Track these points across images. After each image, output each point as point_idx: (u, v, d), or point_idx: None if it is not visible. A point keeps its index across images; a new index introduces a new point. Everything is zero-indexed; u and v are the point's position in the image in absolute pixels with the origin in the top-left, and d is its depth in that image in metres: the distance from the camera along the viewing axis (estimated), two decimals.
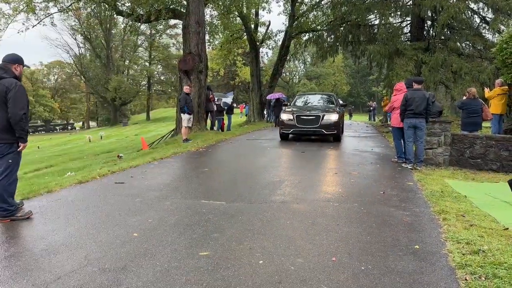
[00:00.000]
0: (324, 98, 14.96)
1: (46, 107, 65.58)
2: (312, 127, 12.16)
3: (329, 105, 13.91)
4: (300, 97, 15.62)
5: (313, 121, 12.13)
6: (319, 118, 12.12)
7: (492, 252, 3.75)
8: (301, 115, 12.35)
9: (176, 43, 54.32)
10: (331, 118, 12.17)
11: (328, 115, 12.20)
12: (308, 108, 13.29)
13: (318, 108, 13.19)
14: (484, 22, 18.22)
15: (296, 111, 12.70)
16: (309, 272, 3.35)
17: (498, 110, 10.73)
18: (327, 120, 12.11)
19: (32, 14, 16.69)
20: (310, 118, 12.17)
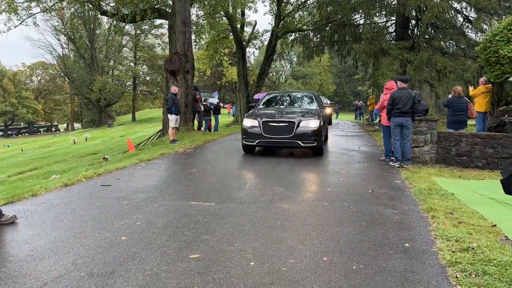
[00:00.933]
0: (303, 98, 11.64)
1: (30, 108, 64.47)
2: (284, 137, 9.19)
3: (309, 107, 10.80)
4: (271, 97, 12.08)
5: (285, 129, 9.14)
6: (293, 125, 9.13)
7: (482, 249, 3.78)
8: (270, 121, 9.31)
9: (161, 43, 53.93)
10: (310, 125, 9.24)
11: (306, 121, 9.27)
12: (280, 111, 10.06)
13: (293, 112, 9.98)
14: (467, 21, 18.48)
15: (264, 115, 9.65)
16: (301, 273, 3.33)
17: (482, 108, 10.89)
18: (304, 127, 9.19)
19: (14, 14, 16.36)
20: (281, 125, 9.20)
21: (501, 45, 9.89)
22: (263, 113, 9.90)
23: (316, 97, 11.55)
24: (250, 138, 9.52)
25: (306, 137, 9.15)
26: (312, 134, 9.17)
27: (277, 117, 9.37)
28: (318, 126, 9.23)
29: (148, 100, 69.38)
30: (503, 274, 3.26)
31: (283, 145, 9.51)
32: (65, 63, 59.42)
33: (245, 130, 9.62)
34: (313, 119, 9.34)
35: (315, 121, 9.29)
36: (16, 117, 64.72)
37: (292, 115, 9.56)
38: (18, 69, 69.08)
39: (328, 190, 6.24)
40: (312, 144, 9.22)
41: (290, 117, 9.36)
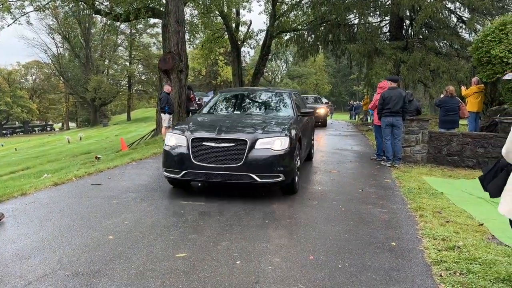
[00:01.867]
0: (273, 101, 7.57)
1: (24, 108, 64.07)
2: (227, 166, 5.41)
3: (279, 114, 6.94)
4: (223, 98, 8.01)
5: (228, 153, 5.44)
6: (243, 147, 5.42)
7: (467, 247, 3.80)
8: (205, 139, 5.59)
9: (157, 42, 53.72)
10: (273, 146, 5.51)
11: (267, 139, 5.54)
12: (227, 121, 6.23)
13: (250, 122, 6.20)
14: (461, 21, 18.56)
15: (198, 128, 5.97)
16: (286, 271, 3.34)
17: (474, 108, 10.93)
18: (262, 150, 5.47)
19: (7, 13, 16.27)
20: (222, 146, 5.47)
21: (492, 45, 9.94)
22: (200, 123, 6.22)
23: (291, 99, 7.30)
24: (172, 166, 5.65)
25: (264, 167, 5.35)
26: (276, 161, 5.37)
27: (219, 131, 5.56)
28: (286, 148, 5.47)
29: (143, 99, 69.15)
30: (487, 273, 3.28)
31: (226, 180, 5.42)
32: (60, 62, 59.08)
33: (166, 153, 5.77)
34: (278, 135, 5.54)
35: (282, 139, 5.51)
36: (10, 116, 64.31)
37: (245, 128, 5.80)
38: (13, 68, 68.65)
39: (318, 189, 6.25)
40: (275, 179, 5.37)
41: (241, 132, 5.58)
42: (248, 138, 5.40)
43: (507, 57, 9.58)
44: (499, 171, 2.61)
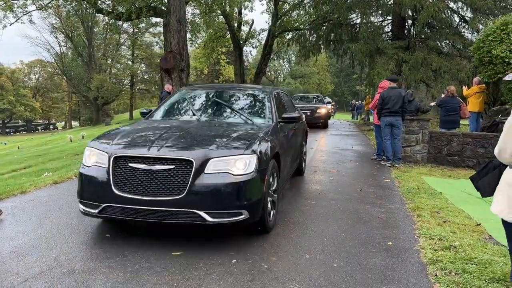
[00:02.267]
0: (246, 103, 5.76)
1: (27, 106, 64.28)
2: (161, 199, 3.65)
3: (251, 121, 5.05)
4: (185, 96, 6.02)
5: (164, 179, 3.68)
6: (186, 171, 3.67)
7: (464, 247, 3.80)
8: (132, 158, 3.79)
9: (159, 42, 53.79)
10: (232, 169, 3.76)
11: (220, 159, 3.77)
12: (174, 131, 4.39)
13: (206, 134, 4.34)
14: (463, 21, 18.50)
15: (126, 140, 4.18)
16: (282, 270, 3.34)
17: (476, 108, 10.90)
18: (213, 177, 3.71)
19: (10, 11, 16.32)
20: (156, 169, 3.69)
21: (494, 45, 9.91)
22: (134, 133, 4.44)
23: (272, 101, 5.47)
24: (87, 197, 3.99)
25: (218, 201, 3.70)
26: (237, 191, 3.72)
27: (154, 146, 3.86)
28: (253, 171, 3.81)
29: (145, 98, 69.22)
30: (482, 273, 3.29)
31: (161, 219, 3.73)
32: (63, 61, 59.27)
33: (82, 176, 4.08)
34: (242, 153, 3.85)
35: (247, 158, 3.83)
36: (14, 115, 64.52)
37: (196, 141, 4.08)
38: (16, 67, 68.89)
39: (317, 189, 6.26)
40: (234, 217, 3.73)
41: (186, 148, 3.87)
42: (196, 157, 3.63)
43: (509, 57, 9.54)
44: (491, 170, 2.61)
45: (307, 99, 21.17)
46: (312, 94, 25.10)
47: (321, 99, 20.78)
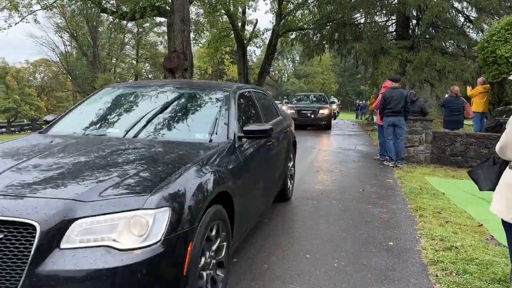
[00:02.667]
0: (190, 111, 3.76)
1: (32, 105, 64.55)
2: None
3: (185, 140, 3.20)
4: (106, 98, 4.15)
5: None
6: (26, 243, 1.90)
7: (465, 248, 3.79)
8: None
9: (163, 41, 53.94)
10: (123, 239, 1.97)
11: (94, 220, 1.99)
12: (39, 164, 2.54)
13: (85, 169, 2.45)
14: (468, 21, 18.42)
15: None
16: (282, 270, 3.35)
17: (480, 108, 10.85)
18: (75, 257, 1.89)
19: (15, 11, 16.42)
20: None
21: (498, 45, 9.87)
22: None
23: (232, 106, 3.67)
24: None
25: None
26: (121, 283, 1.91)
27: None
28: (158, 240, 2.01)
29: None
30: (483, 273, 3.28)
31: None
32: (67, 61, 59.57)
33: None
34: (138, 207, 2.04)
35: (151, 215, 2.04)
36: (19, 114, 64.83)
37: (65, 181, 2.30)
38: (21, 66, 69.27)
39: (319, 189, 6.26)
40: None
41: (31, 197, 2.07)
42: (44, 217, 1.94)
43: None
44: (491, 164, 2.61)
45: (309, 98, 20.42)
46: (314, 93, 24.31)
47: (324, 99, 19.89)
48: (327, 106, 17.76)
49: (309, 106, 17.56)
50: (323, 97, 20.46)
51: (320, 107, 17.31)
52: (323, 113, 16.99)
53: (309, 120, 16.79)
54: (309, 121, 16.78)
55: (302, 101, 19.56)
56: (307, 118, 16.76)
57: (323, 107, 17.45)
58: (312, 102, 19.33)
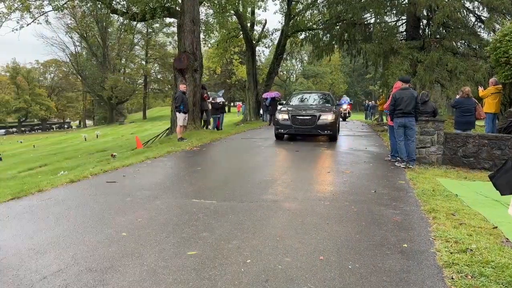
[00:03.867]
0: None
1: (43, 106, 65.29)
2: None
3: None
4: None
5: None
6: None
7: (480, 250, 3.76)
8: None
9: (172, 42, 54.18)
10: None
11: None
12: None
13: None
14: (479, 21, 18.24)
15: None
16: (296, 271, 3.35)
17: (492, 109, 10.75)
18: None
19: (27, 12, 16.62)
20: None
21: (511, 45, 9.78)
22: None
23: None
24: None
25: None
26: None
27: None
28: None
29: (159, 98, 69.79)
30: (499, 276, 3.24)
31: None
32: (77, 61, 60.11)
33: None
34: None
35: None
36: (29, 114, 65.57)
37: None
38: (32, 66, 70.02)
39: (331, 190, 6.24)
40: None
41: None
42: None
43: None
44: (510, 169, 2.59)
45: (309, 98, 15.28)
46: (317, 92, 19.46)
47: (330, 99, 14.93)
48: (332, 109, 12.88)
49: (308, 110, 12.98)
50: (328, 96, 15.40)
51: (322, 110, 12.73)
52: (326, 119, 12.26)
53: (307, 129, 12.30)
54: (307, 130, 12.34)
55: (300, 102, 14.90)
56: (304, 126, 12.27)
57: (327, 110, 12.73)
58: (314, 103, 14.60)
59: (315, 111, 12.60)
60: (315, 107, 13.45)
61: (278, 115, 12.84)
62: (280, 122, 12.54)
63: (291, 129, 12.32)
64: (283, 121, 12.40)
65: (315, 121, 12.09)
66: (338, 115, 13.60)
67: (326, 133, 12.30)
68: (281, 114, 12.72)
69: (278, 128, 12.73)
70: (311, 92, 17.34)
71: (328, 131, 12.25)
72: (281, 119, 12.54)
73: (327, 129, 12.19)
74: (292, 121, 12.24)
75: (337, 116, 13.16)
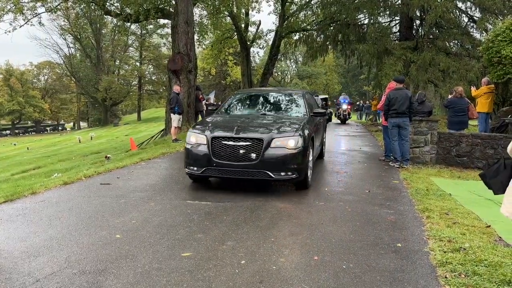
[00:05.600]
0: None
1: (36, 108, 64.92)
2: None
3: None
4: None
5: None
6: None
7: (473, 249, 3.78)
8: None
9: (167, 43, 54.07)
10: None
11: None
12: None
13: None
14: (472, 21, 18.39)
15: None
16: (291, 272, 3.35)
17: (485, 108, 10.82)
18: None
19: (20, 14, 16.51)
20: None
21: (503, 45, 9.86)
22: None
23: None
24: None
25: None
26: None
27: None
28: None
29: (153, 99, 69.61)
30: (492, 275, 3.26)
31: None
32: (71, 63, 59.83)
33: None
34: None
35: None
36: (23, 116, 65.19)
37: None
38: (26, 68, 69.60)
39: (325, 190, 6.25)
40: None
41: None
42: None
43: None
44: (503, 168, 2.61)
45: (260, 104, 7.83)
46: (280, 91, 8.54)
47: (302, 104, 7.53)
48: (299, 127, 6.26)
49: (250, 127, 6.29)
50: (300, 100, 7.75)
51: (279, 127, 6.19)
52: (284, 148, 5.89)
53: (242, 168, 5.85)
54: (241, 171, 5.88)
55: (244, 110, 7.74)
56: (237, 161, 5.87)
57: (287, 129, 6.18)
58: (270, 112, 7.42)
59: (263, 130, 6.07)
60: (268, 121, 6.65)
61: (190, 136, 6.34)
62: (191, 151, 6.18)
63: (210, 166, 5.95)
64: (197, 150, 6.09)
65: (261, 152, 5.75)
66: (309, 137, 6.30)
67: (284, 177, 5.81)
68: (193, 134, 6.29)
69: (189, 164, 6.22)
70: (270, 91, 8.43)
71: (287, 173, 5.81)
72: (193, 145, 6.20)
73: (285, 168, 5.81)
74: (212, 151, 5.95)
75: (308, 140, 6.20)
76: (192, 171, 6.12)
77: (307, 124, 6.55)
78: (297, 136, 5.90)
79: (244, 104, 7.97)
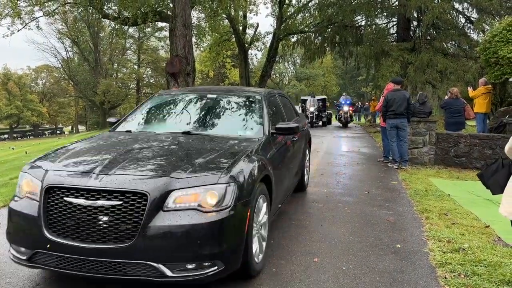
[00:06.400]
0: None
1: (34, 111, 64.82)
2: None
3: None
4: None
5: None
6: None
7: (473, 249, 3.79)
8: None
9: (165, 46, 54.06)
10: None
11: None
12: None
13: None
14: (469, 22, 18.45)
15: None
16: (290, 273, 3.36)
17: (482, 109, 10.85)
18: None
19: (18, 18, 16.51)
20: None
21: (500, 46, 9.88)
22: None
23: None
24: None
25: None
26: None
27: None
28: None
29: None
30: (492, 275, 3.28)
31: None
32: (69, 66, 59.74)
33: None
34: None
35: None
36: (21, 120, 65.07)
37: None
38: (24, 72, 69.53)
39: (324, 192, 6.26)
40: None
41: None
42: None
43: None
44: (501, 168, 2.62)
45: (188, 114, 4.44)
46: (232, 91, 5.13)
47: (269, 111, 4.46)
48: (233, 161, 3.12)
49: (125, 167, 2.99)
50: (260, 104, 4.49)
51: (192, 167, 2.99)
52: (188, 218, 2.73)
53: (94, 263, 2.76)
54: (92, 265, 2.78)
55: (152, 126, 4.53)
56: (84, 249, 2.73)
57: (205, 169, 3.00)
58: (193, 131, 4.09)
59: (156, 169, 3.04)
60: (181, 149, 3.57)
61: (22, 179, 3.23)
62: (15, 212, 3.10)
63: (42, 249, 2.85)
64: (23, 211, 3.01)
65: (141, 220, 2.70)
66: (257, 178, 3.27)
67: (191, 273, 2.78)
68: (25, 176, 3.20)
69: (11, 239, 3.17)
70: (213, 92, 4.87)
71: (201, 263, 2.81)
72: (21, 199, 3.13)
73: (195, 255, 2.76)
74: (45, 215, 2.87)
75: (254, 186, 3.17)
76: (16, 254, 3.06)
77: (260, 151, 3.61)
78: (225, 181, 2.88)
79: (163, 113, 4.86)
